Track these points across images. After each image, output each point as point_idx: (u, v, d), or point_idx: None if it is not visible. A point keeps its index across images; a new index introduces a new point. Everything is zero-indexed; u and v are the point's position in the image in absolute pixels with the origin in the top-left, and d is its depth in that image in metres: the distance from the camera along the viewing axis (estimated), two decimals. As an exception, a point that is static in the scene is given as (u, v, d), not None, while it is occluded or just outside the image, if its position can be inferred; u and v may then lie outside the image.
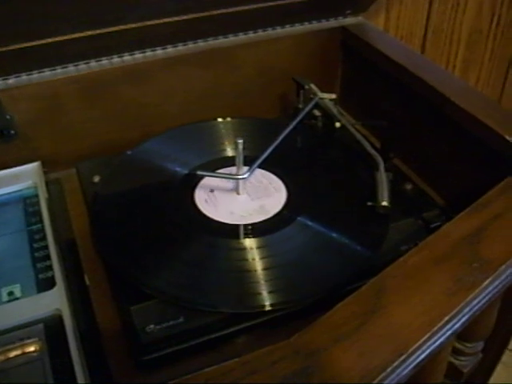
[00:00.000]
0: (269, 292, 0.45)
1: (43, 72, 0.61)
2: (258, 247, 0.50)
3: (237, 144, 0.54)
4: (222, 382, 0.31)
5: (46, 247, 0.50)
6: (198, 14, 0.62)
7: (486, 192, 0.45)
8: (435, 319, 0.35)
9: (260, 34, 0.71)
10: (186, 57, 0.66)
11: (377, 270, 0.39)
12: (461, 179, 0.59)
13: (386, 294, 0.37)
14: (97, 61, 0.63)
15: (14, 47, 0.54)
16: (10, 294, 0.46)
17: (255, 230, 0.52)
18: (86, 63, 0.63)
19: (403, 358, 0.32)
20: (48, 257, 0.49)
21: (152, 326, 0.43)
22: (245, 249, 0.50)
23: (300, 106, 0.68)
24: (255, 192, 0.57)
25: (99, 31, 0.57)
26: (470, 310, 0.36)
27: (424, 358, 0.33)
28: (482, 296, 0.37)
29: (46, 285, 0.46)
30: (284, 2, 0.66)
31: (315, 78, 0.69)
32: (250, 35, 0.70)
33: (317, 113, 0.67)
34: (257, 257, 0.49)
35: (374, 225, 0.53)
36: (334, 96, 0.66)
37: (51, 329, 0.42)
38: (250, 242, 0.50)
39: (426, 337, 0.34)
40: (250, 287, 0.46)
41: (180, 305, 0.44)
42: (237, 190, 0.57)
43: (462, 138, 0.57)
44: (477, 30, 1.01)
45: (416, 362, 0.33)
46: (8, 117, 0.59)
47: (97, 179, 0.58)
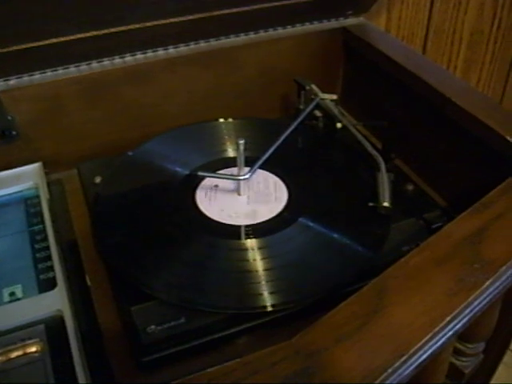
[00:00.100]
0: (270, 292, 0.45)
1: (44, 73, 0.61)
2: (259, 248, 0.50)
3: (238, 145, 0.54)
4: (224, 381, 0.31)
5: (48, 248, 0.50)
6: (199, 15, 0.62)
7: (487, 193, 0.45)
8: (436, 320, 0.35)
9: (261, 34, 0.71)
10: (188, 57, 0.66)
11: (378, 271, 0.39)
12: (462, 180, 0.59)
13: (387, 294, 0.36)
14: (98, 61, 0.63)
15: (14, 48, 0.54)
16: (12, 294, 0.46)
17: (256, 230, 0.52)
18: (87, 64, 0.63)
19: (404, 358, 0.32)
20: (49, 257, 0.49)
21: (153, 326, 0.43)
22: (246, 249, 0.50)
23: (301, 107, 0.68)
24: (255, 197, 0.56)
25: (101, 32, 0.58)
26: (472, 310, 0.36)
27: (425, 359, 0.33)
28: (483, 296, 0.37)
29: (47, 285, 0.46)
30: (285, 2, 0.66)
31: (316, 79, 0.69)
32: (252, 36, 0.70)
33: (318, 113, 0.67)
34: (258, 257, 0.49)
35: (376, 225, 0.53)
36: (334, 97, 0.66)
37: (52, 329, 0.42)
38: (251, 243, 0.50)
39: (428, 337, 0.34)
40: (251, 288, 0.46)
41: (181, 305, 0.44)
42: (238, 191, 0.57)
43: (463, 138, 0.57)
44: (478, 30, 1.01)
45: (417, 363, 0.33)
46: (9, 117, 0.59)
47: (98, 180, 0.58)
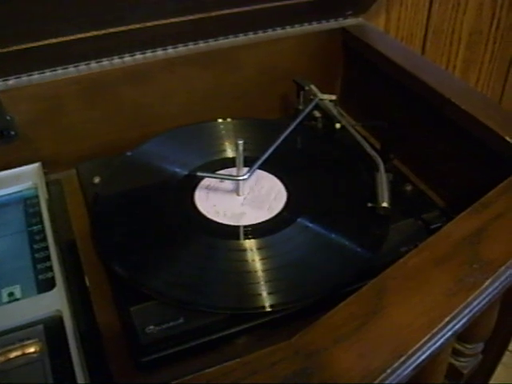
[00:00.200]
0: (269, 293, 0.45)
1: (43, 73, 0.61)
2: (258, 248, 0.50)
3: (237, 145, 0.54)
4: (223, 382, 0.31)
5: (47, 248, 0.50)
6: (199, 15, 0.62)
7: (486, 193, 0.45)
8: (435, 320, 0.35)
9: (260, 35, 0.71)
10: (187, 57, 0.66)
11: (377, 271, 0.39)
12: (461, 180, 0.59)
13: (386, 294, 0.36)
14: (97, 62, 0.63)
15: (14, 48, 0.54)
16: (10, 294, 0.46)
17: (255, 231, 0.52)
18: (86, 64, 0.63)
19: (403, 358, 0.32)
20: (48, 258, 0.49)
21: (152, 326, 0.43)
22: (245, 250, 0.50)
23: (300, 107, 0.68)
24: (251, 200, 0.56)
25: (100, 32, 0.58)
26: (471, 310, 0.36)
27: (424, 359, 0.33)
28: (482, 297, 0.37)
29: (46, 286, 0.46)
30: (284, 3, 0.66)
31: (316, 79, 0.69)
32: (251, 36, 0.70)
33: (317, 114, 0.67)
34: (257, 258, 0.49)
35: (374, 226, 0.53)
36: (333, 97, 0.66)
37: (51, 330, 0.42)
38: (250, 243, 0.50)
39: (427, 338, 0.34)
40: (250, 288, 0.46)
41: (180, 306, 0.44)
42: (237, 191, 0.57)
43: (462, 138, 0.57)
44: (477, 30, 1.01)
45: (416, 363, 0.33)
46: (8, 118, 0.59)
47: (97, 180, 0.58)
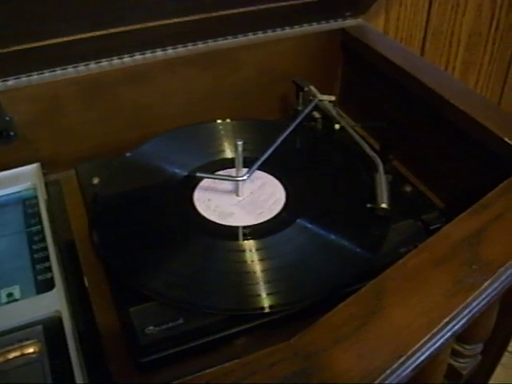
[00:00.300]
0: (268, 294, 0.45)
1: (43, 73, 0.61)
2: (258, 249, 0.50)
3: (236, 146, 0.54)
4: (222, 382, 0.31)
5: (46, 249, 0.50)
6: (198, 16, 0.62)
7: (486, 194, 0.45)
8: (435, 321, 0.35)
9: (260, 35, 0.71)
10: (186, 58, 0.66)
11: (376, 272, 0.39)
12: (460, 181, 0.59)
13: (385, 295, 0.36)
14: (96, 62, 0.63)
15: (13, 48, 0.54)
16: (9, 295, 0.46)
17: (254, 231, 0.52)
18: (85, 65, 0.63)
19: (403, 359, 0.32)
20: (47, 258, 0.49)
21: (151, 327, 0.43)
22: (244, 251, 0.50)
23: (299, 108, 0.68)
24: (248, 203, 0.56)
25: (99, 33, 0.58)
26: (470, 311, 0.36)
27: (423, 360, 0.33)
28: (481, 297, 0.37)
29: (45, 286, 0.46)
30: (284, 3, 0.66)
31: (315, 80, 0.69)
32: (250, 37, 0.70)
33: (316, 115, 0.67)
34: (256, 258, 0.49)
35: (374, 227, 0.53)
36: (333, 98, 0.67)
37: (50, 330, 0.42)
38: (249, 244, 0.50)
39: (426, 338, 0.34)
40: (249, 289, 0.46)
41: (179, 306, 0.44)
42: (236, 192, 0.57)
43: (461, 139, 0.57)
44: (476, 31, 1.01)
45: (415, 364, 0.33)
46: (7, 118, 0.59)
47: (96, 181, 0.58)
